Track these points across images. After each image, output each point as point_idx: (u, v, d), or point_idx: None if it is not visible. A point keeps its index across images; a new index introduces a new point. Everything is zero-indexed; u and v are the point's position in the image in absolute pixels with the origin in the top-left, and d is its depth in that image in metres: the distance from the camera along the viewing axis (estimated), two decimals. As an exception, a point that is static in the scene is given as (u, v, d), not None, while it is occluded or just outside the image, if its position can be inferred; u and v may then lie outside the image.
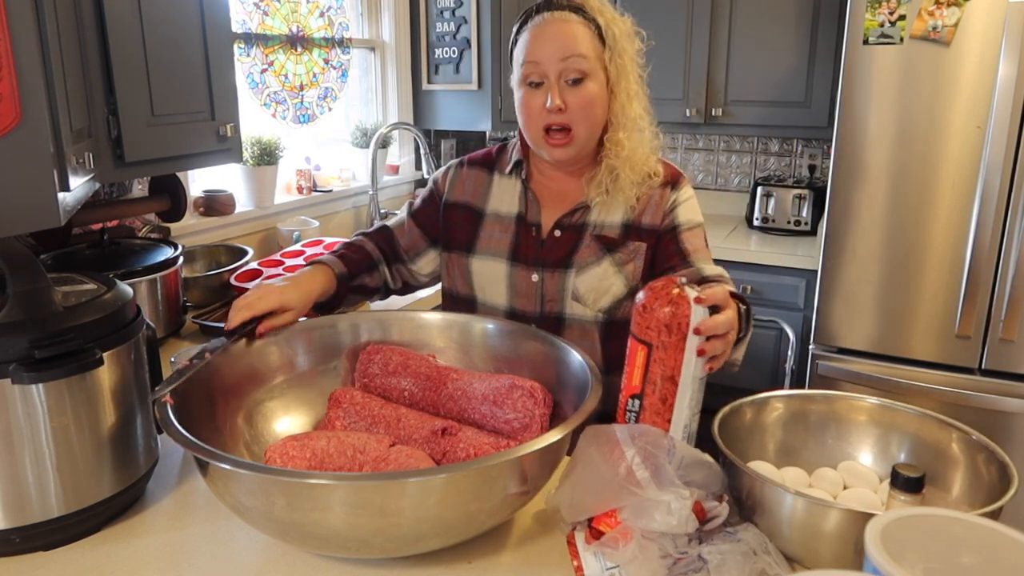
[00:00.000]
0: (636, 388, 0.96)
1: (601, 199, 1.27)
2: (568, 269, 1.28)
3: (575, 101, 1.20)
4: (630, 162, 1.25)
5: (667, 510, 0.85)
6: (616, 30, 1.22)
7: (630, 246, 1.28)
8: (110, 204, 1.83)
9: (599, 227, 1.29)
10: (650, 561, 0.84)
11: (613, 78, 1.23)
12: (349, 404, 1.12)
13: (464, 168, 1.41)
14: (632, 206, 1.28)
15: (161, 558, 0.93)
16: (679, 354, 0.94)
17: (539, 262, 1.30)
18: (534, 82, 1.22)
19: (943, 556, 0.71)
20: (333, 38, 2.73)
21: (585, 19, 1.21)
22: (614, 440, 0.91)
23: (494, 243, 1.33)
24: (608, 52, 1.21)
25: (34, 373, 0.86)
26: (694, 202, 1.31)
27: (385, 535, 0.83)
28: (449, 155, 3.36)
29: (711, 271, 1.22)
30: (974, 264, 2.11)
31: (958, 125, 2.08)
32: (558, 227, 1.30)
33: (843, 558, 0.83)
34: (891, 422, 1.04)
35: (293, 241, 2.28)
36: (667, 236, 1.27)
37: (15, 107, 0.87)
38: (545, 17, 1.21)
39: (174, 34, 1.50)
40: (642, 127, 1.27)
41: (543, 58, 1.20)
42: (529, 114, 1.24)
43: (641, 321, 0.95)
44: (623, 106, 1.24)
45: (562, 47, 1.19)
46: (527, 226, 1.32)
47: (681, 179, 1.31)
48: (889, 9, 2.09)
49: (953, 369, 2.21)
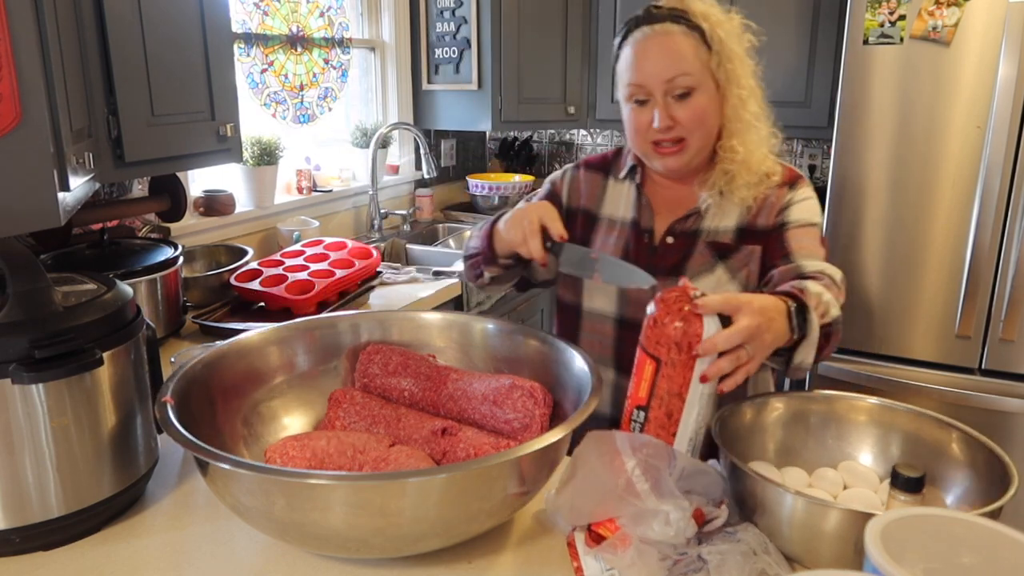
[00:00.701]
0: (642, 400, 0.94)
1: (715, 201, 1.23)
2: (681, 277, 1.25)
3: (684, 115, 1.16)
4: (746, 165, 1.21)
5: (666, 520, 0.84)
6: (722, 33, 1.16)
7: (744, 251, 1.22)
8: (110, 204, 1.83)
9: (713, 233, 1.24)
10: (649, 565, 0.84)
11: (723, 83, 1.18)
12: (349, 404, 1.12)
13: (581, 171, 1.38)
14: (748, 207, 1.23)
15: (161, 558, 0.93)
16: (688, 372, 0.90)
17: (651, 269, 1.24)
18: (640, 100, 1.18)
19: (943, 556, 0.71)
20: (333, 38, 2.73)
21: (688, 28, 1.15)
22: (615, 449, 0.89)
23: (607, 249, 1.30)
24: (716, 58, 1.16)
25: (34, 373, 0.86)
26: (811, 203, 1.24)
27: (385, 535, 0.83)
28: (449, 155, 3.37)
29: (812, 267, 1.13)
30: (974, 264, 2.11)
31: (958, 125, 2.08)
32: (671, 233, 1.26)
33: (843, 558, 0.83)
34: (891, 422, 1.04)
35: (293, 241, 2.28)
36: (775, 234, 1.21)
37: (15, 107, 0.87)
38: (646, 32, 1.16)
39: (174, 34, 1.50)
40: (758, 127, 1.22)
41: (646, 79, 1.16)
42: (637, 130, 1.21)
43: (651, 334, 0.92)
44: (735, 110, 1.19)
45: (666, 66, 1.14)
46: (640, 232, 1.28)
47: (800, 180, 1.25)
48: (889, 9, 2.09)
49: (953, 369, 2.21)
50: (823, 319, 1.02)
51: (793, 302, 0.98)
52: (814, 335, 0.99)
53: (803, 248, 1.18)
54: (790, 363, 1.01)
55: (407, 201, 3.11)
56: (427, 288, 2.15)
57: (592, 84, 3.06)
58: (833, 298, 1.06)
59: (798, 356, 1.00)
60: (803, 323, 0.98)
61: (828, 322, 1.03)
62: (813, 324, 0.99)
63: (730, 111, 1.19)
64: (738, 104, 1.19)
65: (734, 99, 1.19)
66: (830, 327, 1.03)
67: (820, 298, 1.03)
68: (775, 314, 0.93)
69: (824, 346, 1.03)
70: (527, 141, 3.57)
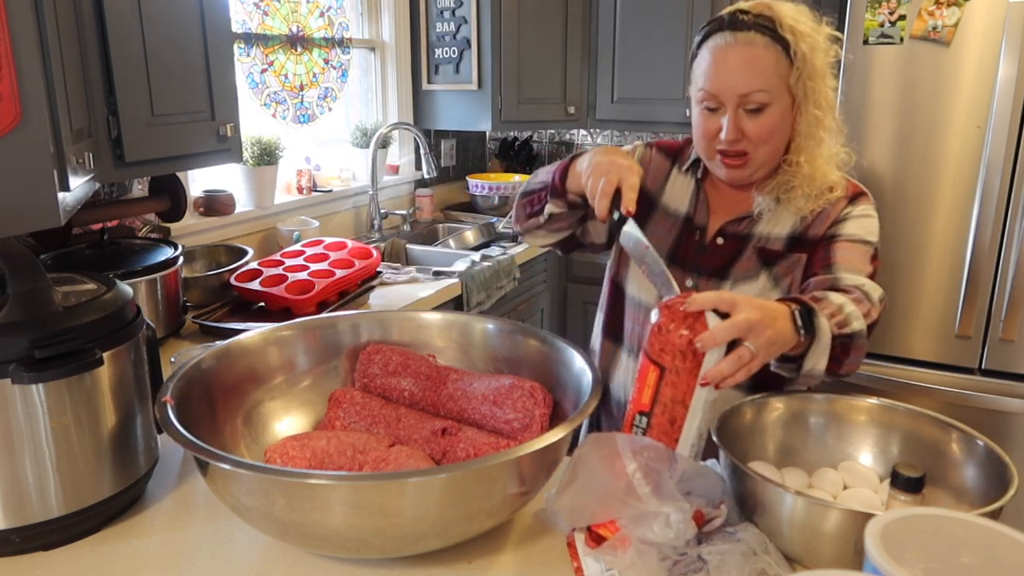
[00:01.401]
0: (645, 406, 0.92)
1: (770, 208, 1.20)
2: (724, 280, 1.22)
3: (753, 130, 1.13)
4: (809, 179, 1.17)
5: (666, 522, 0.84)
6: (806, 48, 1.11)
7: (791, 258, 1.19)
8: (110, 204, 1.83)
9: (764, 239, 1.21)
10: (649, 566, 0.84)
11: (799, 100, 1.14)
12: (349, 404, 1.12)
13: (652, 151, 1.34)
14: (803, 217, 1.19)
15: (161, 558, 0.93)
16: (692, 379, 0.89)
17: (696, 267, 1.24)
18: (711, 107, 1.15)
19: (943, 556, 0.71)
20: (333, 38, 2.73)
21: (772, 39, 1.10)
22: (616, 452, 0.89)
23: (657, 240, 1.28)
24: (796, 73, 1.11)
25: (34, 373, 0.86)
26: (868, 221, 1.18)
27: (385, 535, 0.83)
28: (449, 155, 3.36)
29: (849, 281, 1.09)
30: (974, 264, 2.11)
31: (958, 125, 2.08)
32: (722, 234, 1.24)
33: (843, 558, 0.83)
34: (891, 422, 1.04)
35: (293, 241, 2.28)
36: (823, 244, 1.17)
37: (15, 107, 0.87)
38: (728, 40, 1.12)
39: (174, 34, 1.50)
40: (828, 143, 1.18)
41: (721, 89, 1.12)
42: (703, 135, 1.18)
43: (655, 342, 0.90)
44: (808, 126, 1.15)
45: (743, 80, 1.10)
46: (692, 228, 1.26)
47: (862, 197, 1.21)
48: (889, 9, 2.09)
49: (953, 369, 2.21)
50: (841, 329, 0.99)
51: (798, 306, 0.96)
52: (824, 340, 0.96)
53: (847, 262, 1.13)
54: (800, 369, 0.99)
55: (407, 201, 3.11)
56: (427, 288, 2.16)
57: (592, 84, 3.06)
58: (859, 311, 1.02)
59: (808, 362, 0.97)
60: (810, 327, 0.95)
61: (847, 333, 1.00)
62: (822, 329, 0.96)
63: (802, 127, 1.16)
64: (812, 121, 1.15)
65: (808, 116, 1.15)
66: (849, 339, 1.00)
67: (842, 308, 1.01)
68: (777, 314, 0.91)
69: (843, 358, 1.01)
70: (527, 141, 3.57)
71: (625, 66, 2.96)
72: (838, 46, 1.17)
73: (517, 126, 3.06)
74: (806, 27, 1.13)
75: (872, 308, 1.06)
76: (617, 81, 2.99)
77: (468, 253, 2.54)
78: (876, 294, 1.08)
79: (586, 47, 3.03)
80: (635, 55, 2.92)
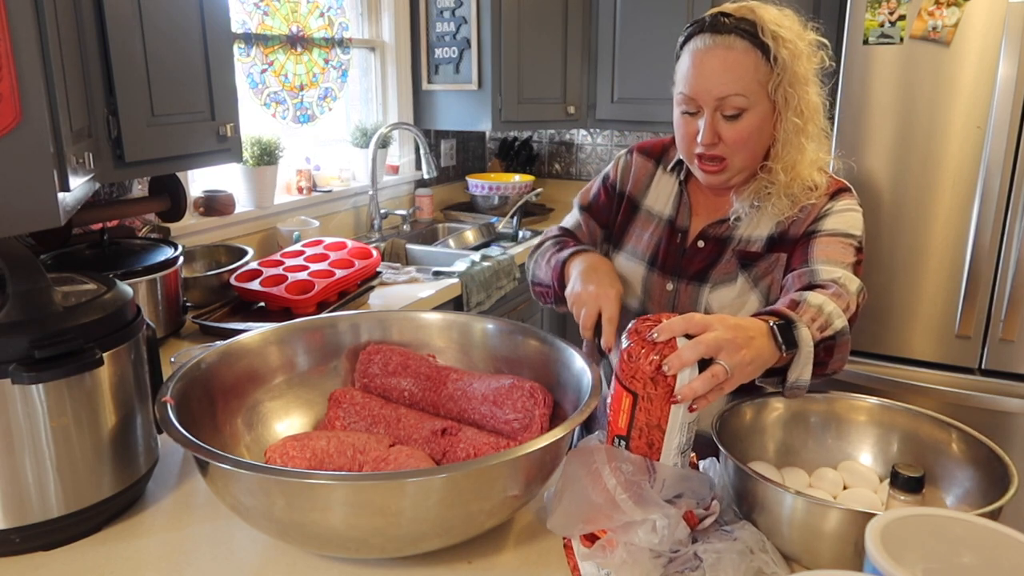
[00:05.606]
0: (622, 431, 0.91)
1: (749, 212, 1.20)
2: (703, 283, 1.22)
3: (730, 135, 1.13)
4: (786, 187, 1.16)
5: (652, 528, 0.84)
6: (787, 53, 1.09)
7: (770, 258, 1.19)
8: (110, 204, 1.83)
9: (744, 242, 1.21)
10: (640, 564, 0.84)
11: (779, 105, 1.12)
12: (349, 404, 1.12)
13: (634, 156, 1.36)
14: (787, 217, 1.18)
15: (161, 558, 0.93)
16: (666, 405, 0.87)
17: (677, 271, 1.24)
18: (689, 110, 1.16)
19: (943, 556, 0.71)
20: (333, 38, 2.73)
21: (753, 44, 1.09)
22: (595, 467, 0.88)
23: (640, 244, 1.30)
24: (776, 79, 1.10)
25: (34, 373, 0.86)
26: (850, 215, 1.17)
27: (385, 535, 0.83)
28: (449, 155, 3.37)
29: (826, 275, 1.08)
30: (974, 264, 2.11)
31: (958, 125, 2.08)
32: (702, 237, 1.24)
33: (843, 558, 0.83)
34: (891, 422, 1.04)
35: (293, 241, 2.29)
36: (802, 241, 1.16)
37: (15, 107, 0.87)
38: (707, 42, 1.11)
39: (174, 34, 1.50)
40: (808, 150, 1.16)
41: (699, 93, 1.12)
42: (683, 138, 1.19)
43: (626, 368, 0.88)
44: (787, 133, 1.14)
45: (720, 84, 1.10)
46: (674, 231, 1.27)
47: (843, 193, 1.19)
48: (889, 9, 2.09)
49: (953, 369, 2.21)
50: (823, 332, 0.98)
51: (777, 319, 0.95)
52: (806, 351, 0.95)
53: (825, 255, 1.12)
54: (785, 383, 0.98)
55: (407, 201, 3.11)
56: (427, 288, 2.16)
57: (592, 84, 3.06)
58: (838, 308, 1.01)
59: (792, 374, 0.97)
60: (791, 340, 0.94)
61: (829, 335, 0.99)
62: (804, 340, 0.95)
63: (782, 134, 1.14)
64: (791, 128, 1.14)
65: (788, 123, 1.13)
66: (832, 340, 0.99)
67: (821, 310, 0.99)
68: (754, 333, 0.90)
69: (827, 359, 1.00)
70: (527, 141, 3.57)
71: (625, 66, 2.96)
72: (824, 52, 1.16)
73: (517, 126, 3.06)
74: (789, 32, 1.11)
75: (851, 301, 1.05)
76: (617, 81, 2.99)
77: (468, 253, 2.54)
78: (854, 286, 1.08)
79: (586, 47, 3.03)
80: (635, 55, 2.92)
